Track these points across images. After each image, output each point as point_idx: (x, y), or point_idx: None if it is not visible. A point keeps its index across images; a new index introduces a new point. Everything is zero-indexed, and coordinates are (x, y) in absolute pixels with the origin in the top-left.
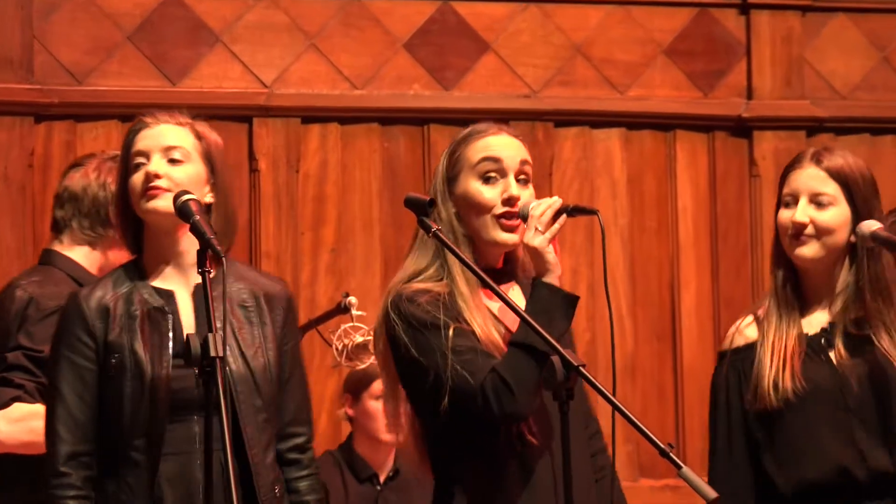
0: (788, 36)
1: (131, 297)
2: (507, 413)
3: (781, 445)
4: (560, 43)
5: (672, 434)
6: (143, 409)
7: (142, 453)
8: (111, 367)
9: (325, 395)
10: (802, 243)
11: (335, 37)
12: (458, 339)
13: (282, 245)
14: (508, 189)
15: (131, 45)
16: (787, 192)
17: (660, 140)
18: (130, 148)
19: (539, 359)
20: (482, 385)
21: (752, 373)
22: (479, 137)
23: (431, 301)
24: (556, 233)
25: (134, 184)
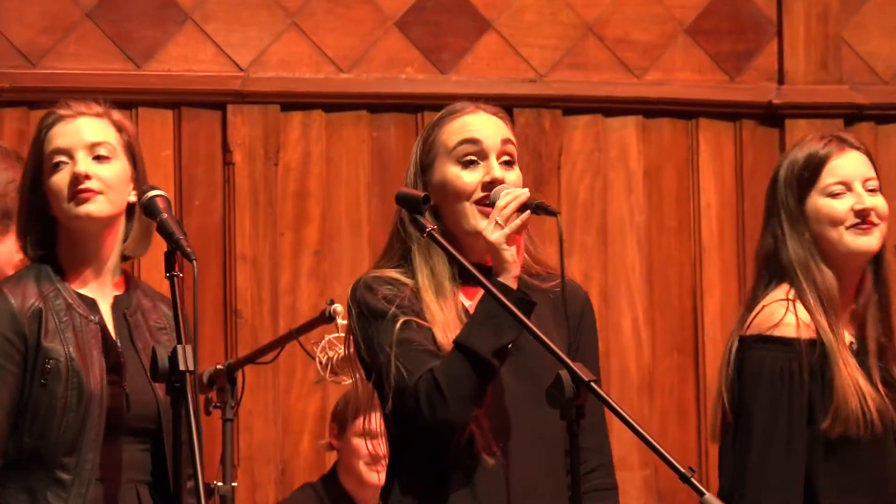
0: (825, 13)
1: (57, 301)
2: (436, 419)
3: (851, 471)
4: (569, 21)
5: (693, 457)
6: (75, 423)
7: (70, 474)
8: (45, 373)
9: (307, 414)
10: (866, 232)
11: (319, 14)
12: (405, 333)
13: (259, 247)
14: (491, 171)
15: (91, 24)
16: (835, 180)
17: (681, 129)
18: (45, 144)
19: (478, 363)
20: (416, 385)
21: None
22: (454, 118)
23: (391, 291)
24: (516, 228)
25: (58, 185)
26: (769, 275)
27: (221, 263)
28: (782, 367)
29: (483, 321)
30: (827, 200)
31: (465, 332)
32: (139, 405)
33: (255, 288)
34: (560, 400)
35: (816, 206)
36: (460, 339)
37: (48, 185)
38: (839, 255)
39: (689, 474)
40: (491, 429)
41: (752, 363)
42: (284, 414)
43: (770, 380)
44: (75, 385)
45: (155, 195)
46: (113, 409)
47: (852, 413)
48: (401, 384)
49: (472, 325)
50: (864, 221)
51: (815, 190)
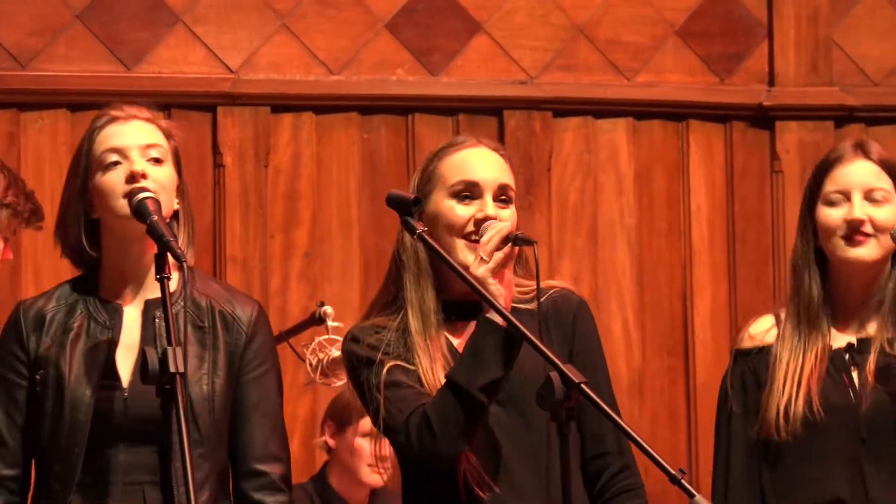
0: (815, 15)
1: (73, 309)
2: (426, 453)
3: (782, 474)
4: (560, 23)
5: (684, 459)
6: (60, 431)
7: (58, 480)
8: (36, 384)
9: (297, 416)
10: (859, 243)
11: (309, 16)
12: (393, 376)
13: (249, 249)
14: (485, 208)
15: (81, 25)
16: (835, 189)
17: (671, 131)
18: (96, 144)
19: (466, 399)
20: (407, 421)
21: (756, 388)
22: (455, 151)
23: (373, 337)
24: (500, 262)
25: (111, 183)
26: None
27: (212, 265)
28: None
29: (470, 357)
30: (825, 209)
31: (454, 369)
32: (142, 408)
33: (246, 290)
34: (550, 402)
35: (818, 215)
36: (449, 374)
37: (98, 183)
38: (837, 263)
39: (680, 476)
40: (481, 463)
41: None
42: None
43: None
44: (58, 395)
45: (145, 197)
46: (107, 413)
47: (772, 416)
48: (391, 422)
49: (460, 362)
50: (853, 231)
51: (820, 198)
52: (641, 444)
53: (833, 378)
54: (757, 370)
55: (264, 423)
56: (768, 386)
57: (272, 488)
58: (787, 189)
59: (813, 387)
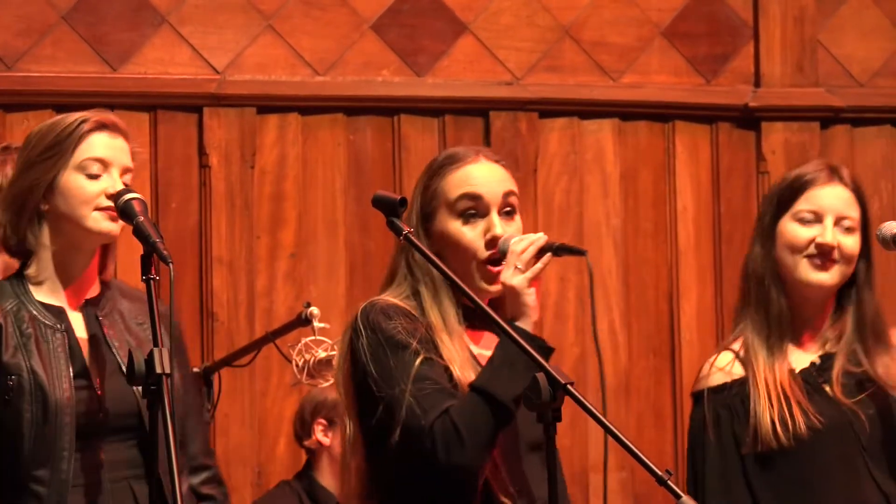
0: (801, 16)
1: (19, 315)
2: (453, 463)
3: (789, 486)
4: (546, 24)
5: (670, 460)
6: (45, 435)
7: (43, 485)
8: (8, 390)
9: (283, 417)
10: (825, 268)
11: (295, 17)
12: (425, 369)
13: (235, 250)
14: (492, 229)
15: (66, 26)
16: (808, 208)
17: (657, 132)
18: (82, 145)
19: (498, 409)
20: (432, 426)
21: (744, 412)
22: (456, 168)
23: (410, 324)
24: (538, 272)
25: (89, 191)
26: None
27: (198, 266)
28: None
29: (503, 366)
30: (794, 225)
31: (484, 376)
32: (116, 404)
33: (232, 291)
34: (536, 402)
35: (783, 229)
36: (479, 382)
37: (72, 184)
38: (793, 282)
39: (666, 477)
40: (507, 471)
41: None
42: (261, 417)
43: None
44: (39, 398)
45: (131, 198)
46: (86, 413)
47: (769, 428)
48: (414, 421)
49: (492, 370)
50: (821, 255)
51: (789, 212)
52: (628, 446)
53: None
54: (732, 403)
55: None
56: (753, 404)
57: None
58: None
59: (802, 400)
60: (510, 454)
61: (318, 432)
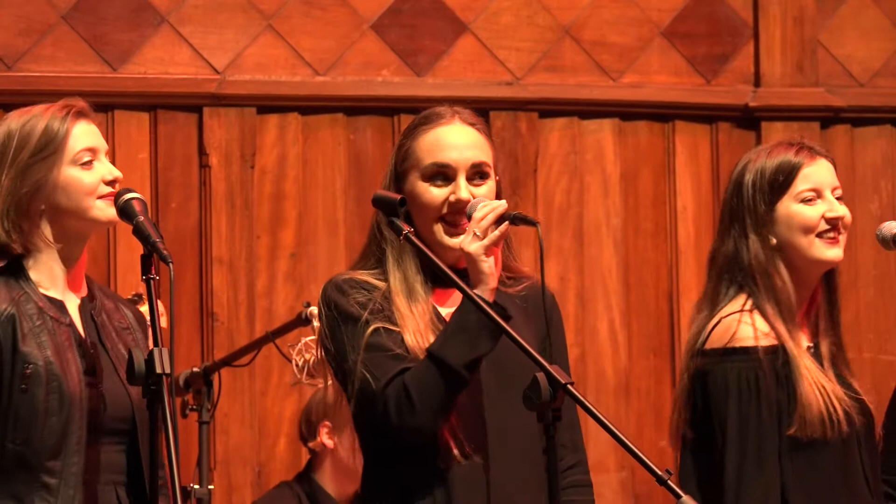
0: (801, 16)
1: (28, 305)
2: (405, 425)
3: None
4: (546, 24)
5: (670, 460)
6: (59, 427)
7: (56, 477)
8: (24, 378)
9: (283, 417)
10: (837, 242)
11: (295, 17)
12: (375, 338)
13: (235, 249)
14: (457, 191)
15: (66, 26)
16: (808, 187)
17: (657, 132)
18: (70, 138)
19: (450, 375)
20: (385, 390)
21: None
22: (429, 129)
23: (362, 295)
24: (495, 239)
25: (88, 181)
26: (728, 280)
27: (198, 266)
28: (747, 377)
29: (457, 333)
30: (800, 206)
31: (438, 343)
32: (115, 406)
33: (232, 291)
34: (536, 402)
35: (789, 212)
36: (433, 348)
37: (72, 178)
38: (804, 263)
39: (666, 477)
40: (465, 435)
41: (717, 377)
42: (261, 416)
43: (737, 391)
44: (55, 389)
45: (131, 198)
46: (92, 410)
47: (817, 416)
48: (366, 389)
49: (445, 336)
50: (833, 230)
51: (788, 195)
52: (628, 445)
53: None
54: (782, 373)
55: None
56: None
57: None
58: None
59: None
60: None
61: (324, 434)
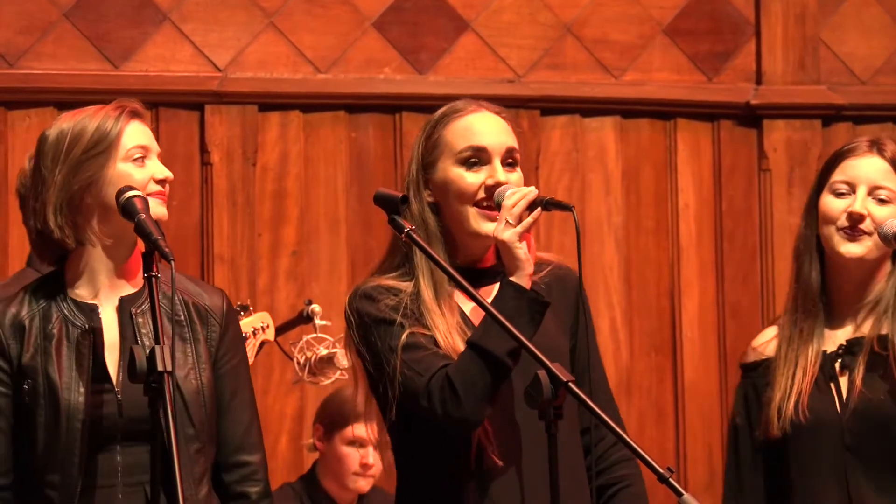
0: (802, 14)
1: (49, 314)
2: (451, 417)
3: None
4: (548, 21)
5: (672, 458)
6: (57, 440)
7: (55, 489)
8: (24, 394)
9: (285, 414)
10: (854, 239)
11: (297, 14)
12: (412, 339)
13: (237, 247)
14: (494, 174)
15: (68, 24)
16: (842, 179)
17: (659, 130)
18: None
19: (493, 363)
20: (429, 384)
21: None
22: (458, 117)
23: (392, 300)
24: (528, 226)
25: (139, 179)
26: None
27: (199, 264)
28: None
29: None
30: (829, 198)
31: (479, 332)
32: (134, 409)
33: (233, 288)
34: (538, 400)
35: (823, 201)
36: (474, 338)
37: (125, 173)
38: (830, 255)
39: (668, 474)
40: (498, 437)
41: None
42: (262, 415)
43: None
44: (52, 403)
45: (133, 195)
46: (102, 418)
47: (769, 413)
48: (411, 386)
49: (486, 325)
50: (853, 227)
51: (826, 185)
52: (629, 443)
53: (820, 387)
54: (757, 384)
55: (243, 413)
56: (770, 387)
57: (254, 480)
58: (774, 187)
59: (805, 389)
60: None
61: (315, 437)
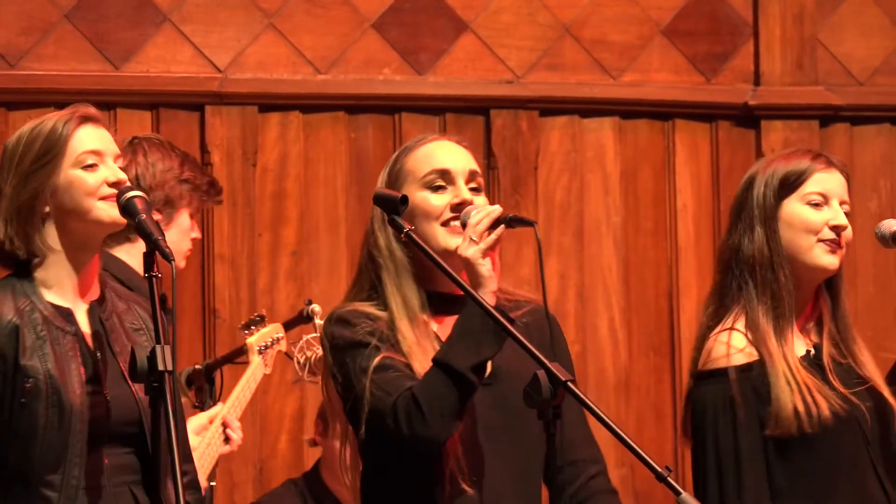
0: (800, 14)
1: (34, 316)
2: (416, 435)
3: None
4: (547, 22)
5: (670, 457)
6: (58, 440)
7: (56, 491)
8: (24, 392)
9: (284, 414)
10: (835, 252)
11: (296, 15)
12: (385, 361)
13: (237, 247)
14: (459, 193)
15: (69, 25)
16: (817, 191)
17: (657, 130)
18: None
19: (458, 379)
20: (395, 403)
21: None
22: (420, 145)
23: (368, 325)
24: (491, 243)
25: (90, 183)
26: (732, 274)
27: (200, 264)
28: (721, 399)
29: (461, 337)
30: (805, 208)
31: (443, 349)
32: (121, 411)
33: (234, 288)
34: (537, 400)
35: (794, 210)
36: (438, 356)
37: (74, 179)
38: (800, 266)
39: (666, 473)
40: (466, 461)
41: (696, 401)
42: (262, 414)
43: (712, 413)
44: (55, 402)
45: (133, 196)
46: (95, 418)
47: (791, 413)
48: (378, 405)
49: (450, 342)
50: (834, 239)
51: (797, 195)
52: (628, 442)
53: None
54: (756, 385)
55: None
56: (774, 389)
57: (193, 486)
58: None
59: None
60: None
61: (315, 431)
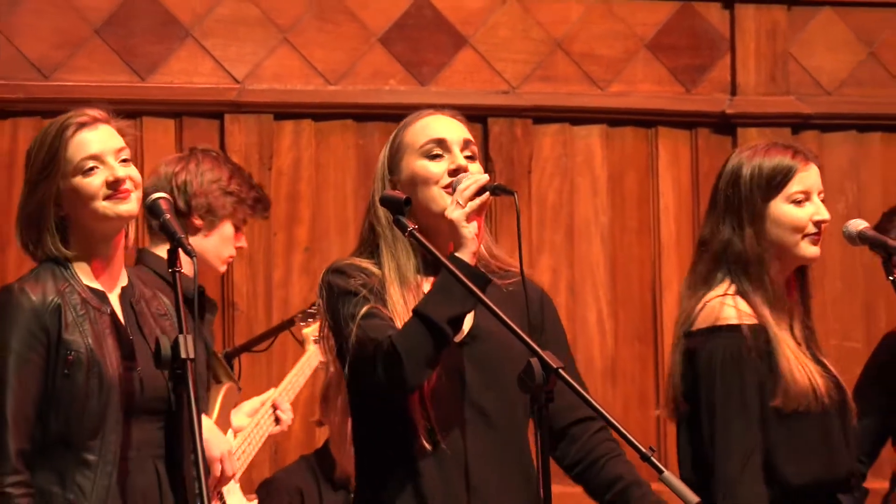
0: (773, 30)
1: (73, 296)
2: (391, 377)
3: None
4: (539, 37)
5: (654, 439)
6: (98, 409)
7: (96, 455)
8: (67, 364)
9: (297, 399)
10: (817, 243)
11: (309, 31)
12: (372, 310)
13: (254, 244)
14: (455, 160)
15: (99, 39)
16: (800, 189)
17: (641, 137)
18: (72, 150)
19: (434, 330)
20: (375, 347)
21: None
22: (416, 120)
23: (362, 278)
24: (475, 208)
25: (92, 187)
26: (722, 265)
27: None
28: (732, 351)
29: (440, 291)
30: (791, 207)
31: (423, 301)
32: (151, 387)
33: (251, 283)
34: (531, 386)
35: (780, 211)
36: (418, 307)
37: (77, 186)
38: (786, 258)
39: (650, 453)
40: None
41: (705, 354)
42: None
43: (722, 364)
44: (96, 374)
45: (158, 197)
46: (129, 393)
47: (802, 390)
48: (361, 348)
49: (429, 295)
50: (817, 232)
51: (782, 195)
52: (614, 424)
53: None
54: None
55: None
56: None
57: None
58: None
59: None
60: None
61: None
